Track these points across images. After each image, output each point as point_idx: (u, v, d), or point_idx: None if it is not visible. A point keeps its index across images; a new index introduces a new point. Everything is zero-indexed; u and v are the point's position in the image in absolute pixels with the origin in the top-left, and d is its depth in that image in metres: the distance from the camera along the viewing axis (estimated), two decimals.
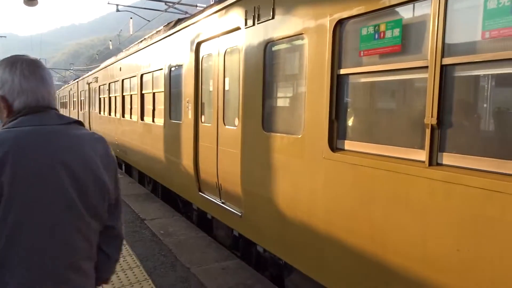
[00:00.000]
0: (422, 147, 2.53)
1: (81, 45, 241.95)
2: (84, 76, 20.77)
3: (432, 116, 2.43)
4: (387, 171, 2.69)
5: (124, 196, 7.87)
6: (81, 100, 20.16)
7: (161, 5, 17.83)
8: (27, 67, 1.51)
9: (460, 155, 2.38)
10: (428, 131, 2.47)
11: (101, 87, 14.14)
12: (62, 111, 32.64)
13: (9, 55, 1.60)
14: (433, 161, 2.46)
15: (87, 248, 1.55)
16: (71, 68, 63.13)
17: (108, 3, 18.93)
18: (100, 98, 14.40)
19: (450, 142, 2.45)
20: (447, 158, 2.43)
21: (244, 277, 4.28)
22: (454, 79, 2.42)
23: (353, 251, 3.00)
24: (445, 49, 2.39)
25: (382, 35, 2.76)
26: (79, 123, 1.64)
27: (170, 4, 16.97)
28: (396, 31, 2.67)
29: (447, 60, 2.36)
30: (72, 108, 25.27)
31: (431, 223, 2.45)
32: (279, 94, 4.17)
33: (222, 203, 5.11)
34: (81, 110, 20.51)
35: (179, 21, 7.10)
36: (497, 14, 2.14)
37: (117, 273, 4.28)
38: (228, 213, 4.84)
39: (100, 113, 14.52)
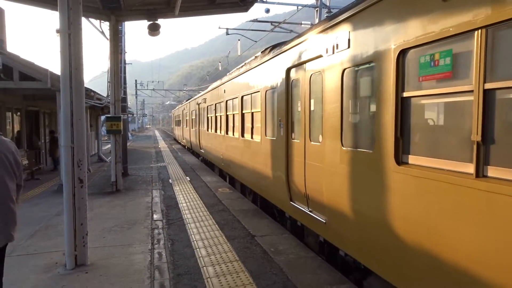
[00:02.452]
0: (470, 161, 2.97)
1: (193, 67, 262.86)
2: (194, 97, 23.14)
3: (477, 134, 2.89)
4: (442, 182, 3.18)
5: (233, 211, 8.31)
6: (192, 119, 22.47)
7: (267, 25, 18.63)
8: None
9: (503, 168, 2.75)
10: (474, 147, 2.91)
11: (209, 107, 15.93)
12: (178, 129, 35.85)
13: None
14: (479, 173, 2.88)
15: (13, 189, 3.60)
16: (184, 89, 68.96)
17: (219, 28, 20.50)
18: (208, 117, 16.17)
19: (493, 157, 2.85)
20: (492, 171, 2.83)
21: None
22: (495, 102, 2.84)
23: (416, 252, 3.49)
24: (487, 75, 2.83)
25: (436, 63, 3.32)
26: (2, 134, 3.75)
27: (276, 24, 17.61)
28: (448, 60, 3.19)
29: (488, 85, 2.82)
30: (185, 126, 27.94)
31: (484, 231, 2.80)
32: (354, 114, 4.78)
33: (310, 211, 5.82)
34: (192, 128, 22.70)
35: (273, 48, 7.92)
36: None
37: None
38: (315, 220, 5.58)
39: (208, 130, 16.21)
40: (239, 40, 20.88)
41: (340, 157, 4.82)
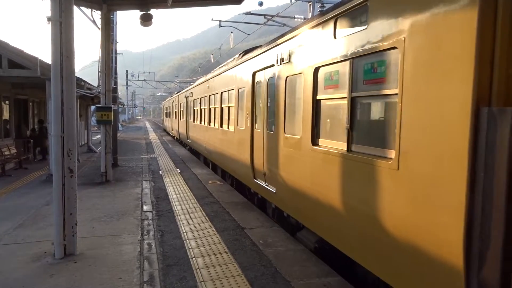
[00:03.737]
0: (345, 141, 4.70)
1: (185, 59, 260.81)
2: (183, 90, 24.53)
3: (347, 124, 4.52)
4: (333, 155, 4.88)
5: (223, 203, 8.36)
6: (181, 111, 23.99)
7: (260, 18, 18.56)
8: None
9: None
10: (346, 132, 4.58)
11: (195, 100, 17.48)
12: (167, 120, 37.15)
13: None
14: (349, 149, 4.59)
15: None
16: (176, 81, 68.45)
17: (212, 19, 20.38)
18: (194, 110, 17.78)
19: None
20: None
21: None
22: (357, 104, 4.61)
23: (319, 200, 5.24)
24: None
25: (332, 78, 5.04)
26: None
27: (269, 17, 17.55)
28: (336, 77, 4.95)
29: (353, 94, 4.61)
30: (174, 118, 29.42)
31: None
32: (292, 109, 6.26)
33: (266, 185, 7.34)
34: (180, 119, 24.06)
35: (245, 53, 9.42)
36: None
37: (220, 280, 4.59)
38: (269, 192, 7.15)
39: (194, 121, 17.86)
40: (231, 32, 20.79)
41: (283, 142, 6.50)
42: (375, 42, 3.92)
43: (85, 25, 16.87)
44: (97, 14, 11.17)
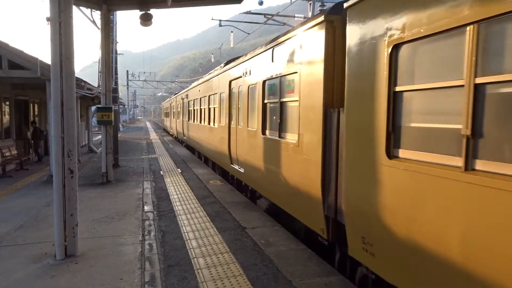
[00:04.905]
0: (297, 132, 5.99)
1: (185, 59, 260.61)
2: (179, 93, 27.16)
3: (299, 120, 5.89)
4: (283, 143, 6.50)
5: (225, 203, 8.34)
6: (178, 111, 26.57)
7: (260, 18, 18.52)
8: None
9: None
10: (298, 126, 5.83)
11: (189, 102, 19.73)
12: (167, 120, 39.17)
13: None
14: (299, 144, 5.84)
15: None
16: (176, 81, 68.43)
17: (212, 19, 20.35)
18: (189, 110, 20.04)
19: None
20: None
21: None
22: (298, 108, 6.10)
23: (269, 173, 7.41)
24: None
25: (272, 89, 7.41)
26: None
27: (269, 16, 17.51)
28: (275, 87, 7.17)
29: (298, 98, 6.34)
30: (172, 117, 32.24)
31: None
32: (252, 110, 8.38)
33: (238, 168, 9.49)
34: (178, 119, 26.71)
35: (227, 63, 11.46)
36: None
37: (222, 280, 4.58)
38: (240, 172, 9.35)
39: (188, 120, 20.16)
40: (232, 32, 20.75)
41: (247, 134, 8.68)
42: (289, 68, 6.20)
43: (85, 25, 16.84)
44: (96, 14, 11.16)
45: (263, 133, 7.44)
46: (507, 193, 2.48)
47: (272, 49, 6.91)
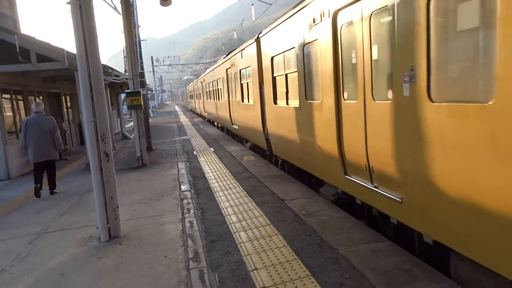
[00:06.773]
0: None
1: (207, 40, 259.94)
2: (198, 78, 33.33)
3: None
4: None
5: (260, 177, 8.24)
6: (199, 93, 33.32)
7: None
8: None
9: None
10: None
11: (205, 85, 25.60)
12: (191, 101, 45.83)
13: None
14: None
15: (50, 141, 8.31)
16: (201, 62, 68.43)
17: None
18: (206, 91, 26.06)
19: None
20: None
21: (399, 261, 3.89)
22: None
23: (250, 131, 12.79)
24: None
25: (245, 74, 13.35)
26: (45, 113, 8.83)
27: None
28: (246, 74, 13.12)
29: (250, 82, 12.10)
30: (196, 98, 39.28)
31: None
32: (239, 88, 13.91)
33: (236, 126, 15.47)
34: (200, 99, 32.98)
35: (228, 54, 16.36)
36: None
37: (266, 252, 4.49)
38: (235, 129, 15.85)
39: (206, 99, 26.71)
40: (252, 4, 20.23)
41: (237, 103, 14.14)
42: (247, 63, 11.34)
43: (108, 14, 16.84)
44: (116, 1, 11.09)
45: (242, 101, 12.91)
46: None
47: (241, 51, 12.31)
